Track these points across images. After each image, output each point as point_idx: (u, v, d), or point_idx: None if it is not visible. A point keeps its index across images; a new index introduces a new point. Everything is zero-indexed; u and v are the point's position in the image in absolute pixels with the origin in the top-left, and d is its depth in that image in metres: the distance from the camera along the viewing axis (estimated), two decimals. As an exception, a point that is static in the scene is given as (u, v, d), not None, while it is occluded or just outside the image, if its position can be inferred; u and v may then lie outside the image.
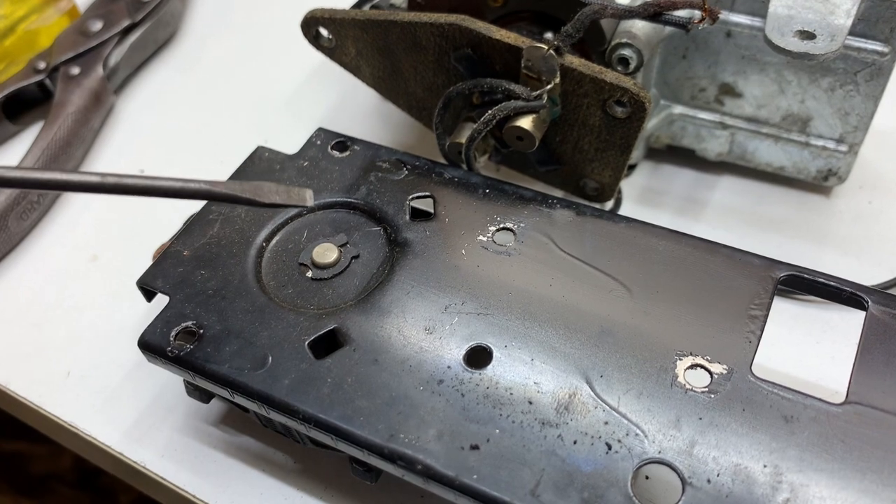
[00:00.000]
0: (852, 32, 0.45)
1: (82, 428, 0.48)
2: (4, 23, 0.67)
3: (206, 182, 0.39)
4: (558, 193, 0.51)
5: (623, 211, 0.54)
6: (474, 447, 0.35)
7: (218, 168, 0.58)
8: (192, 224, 0.46)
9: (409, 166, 0.48)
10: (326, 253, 0.44)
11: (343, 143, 0.50)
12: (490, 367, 0.38)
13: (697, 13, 0.42)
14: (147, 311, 0.49)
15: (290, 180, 0.48)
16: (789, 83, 0.50)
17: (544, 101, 0.46)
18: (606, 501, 0.33)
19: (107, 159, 0.64)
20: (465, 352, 0.39)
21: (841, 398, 0.36)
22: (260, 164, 0.49)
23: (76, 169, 0.62)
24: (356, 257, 0.44)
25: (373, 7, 0.54)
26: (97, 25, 0.67)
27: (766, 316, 0.39)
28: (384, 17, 0.50)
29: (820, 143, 0.52)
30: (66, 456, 0.93)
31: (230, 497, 0.44)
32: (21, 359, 0.52)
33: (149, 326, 0.41)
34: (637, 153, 0.56)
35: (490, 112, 0.46)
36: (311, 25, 0.53)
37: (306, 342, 0.40)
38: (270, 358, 0.39)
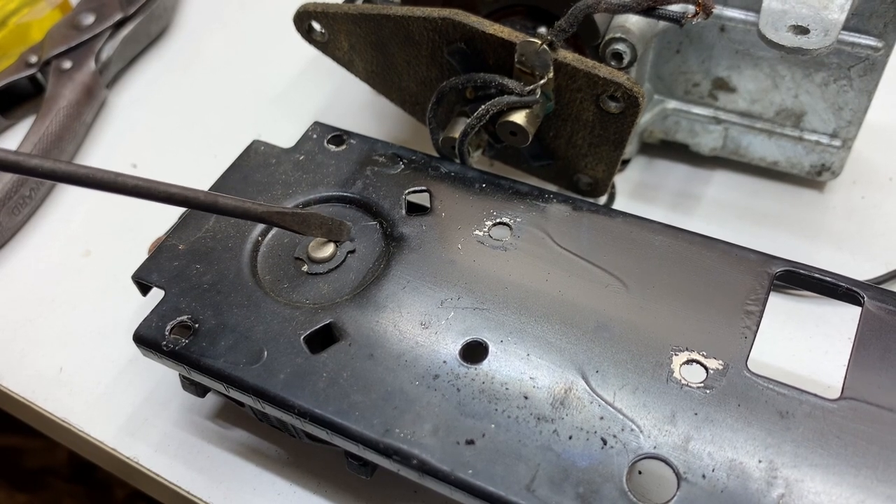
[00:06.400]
0: (846, 27, 0.45)
1: (76, 424, 0.48)
2: (-4, 16, 0.67)
3: (263, 206, 0.40)
4: (552, 188, 0.51)
5: (617, 206, 0.54)
6: (470, 442, 0.36)
7: (212, 162, 0.58)
8: (187, 218, 0.46)
9: (405, 160, 0.48)
10: (322, 247, 0.44)
11: (339, 136, 0.49)
12: (486, 361, 0.38)
13: (691, 8, 0.42)
14: (141, 307, 0.49)
15: (285, 174, 0.47)
16: (783, 78, 0.50)
17: (538, 96, 0.45)
18: (602, 496, 0.34)
19: (99, 154, 0.63)
20: (460, 347, 0.39)
21: (836, 393, 0.36)
22: (256, 157, 0.49)
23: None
24: (352, 252, 0.44)
25: (366, 1, 0.54)
26: (89, 19, 0.66)
27: (762, 311, 0.39)
28: (377, 11, 0.49)
29: (813, 137, 0.52)
30: (61, 450, 0.93)
31: (224, 492, 0.44)
32: (14, 355, 0.51)
33: (144, 320, 0.41)
34: (631, 148, 0.56)
35: (483, 107, 0.46)
36: (303, 19, 0.53)
37: (302, 337, 0.40)
38: (266, 352, 0.39)
